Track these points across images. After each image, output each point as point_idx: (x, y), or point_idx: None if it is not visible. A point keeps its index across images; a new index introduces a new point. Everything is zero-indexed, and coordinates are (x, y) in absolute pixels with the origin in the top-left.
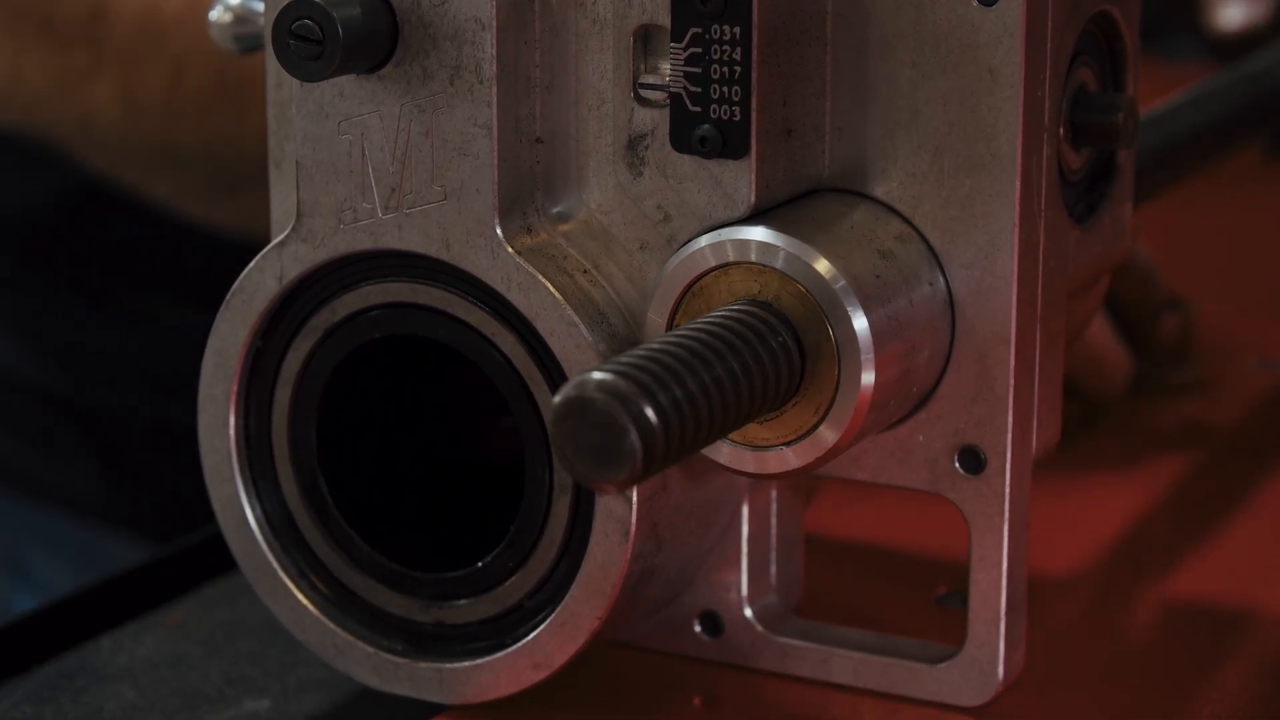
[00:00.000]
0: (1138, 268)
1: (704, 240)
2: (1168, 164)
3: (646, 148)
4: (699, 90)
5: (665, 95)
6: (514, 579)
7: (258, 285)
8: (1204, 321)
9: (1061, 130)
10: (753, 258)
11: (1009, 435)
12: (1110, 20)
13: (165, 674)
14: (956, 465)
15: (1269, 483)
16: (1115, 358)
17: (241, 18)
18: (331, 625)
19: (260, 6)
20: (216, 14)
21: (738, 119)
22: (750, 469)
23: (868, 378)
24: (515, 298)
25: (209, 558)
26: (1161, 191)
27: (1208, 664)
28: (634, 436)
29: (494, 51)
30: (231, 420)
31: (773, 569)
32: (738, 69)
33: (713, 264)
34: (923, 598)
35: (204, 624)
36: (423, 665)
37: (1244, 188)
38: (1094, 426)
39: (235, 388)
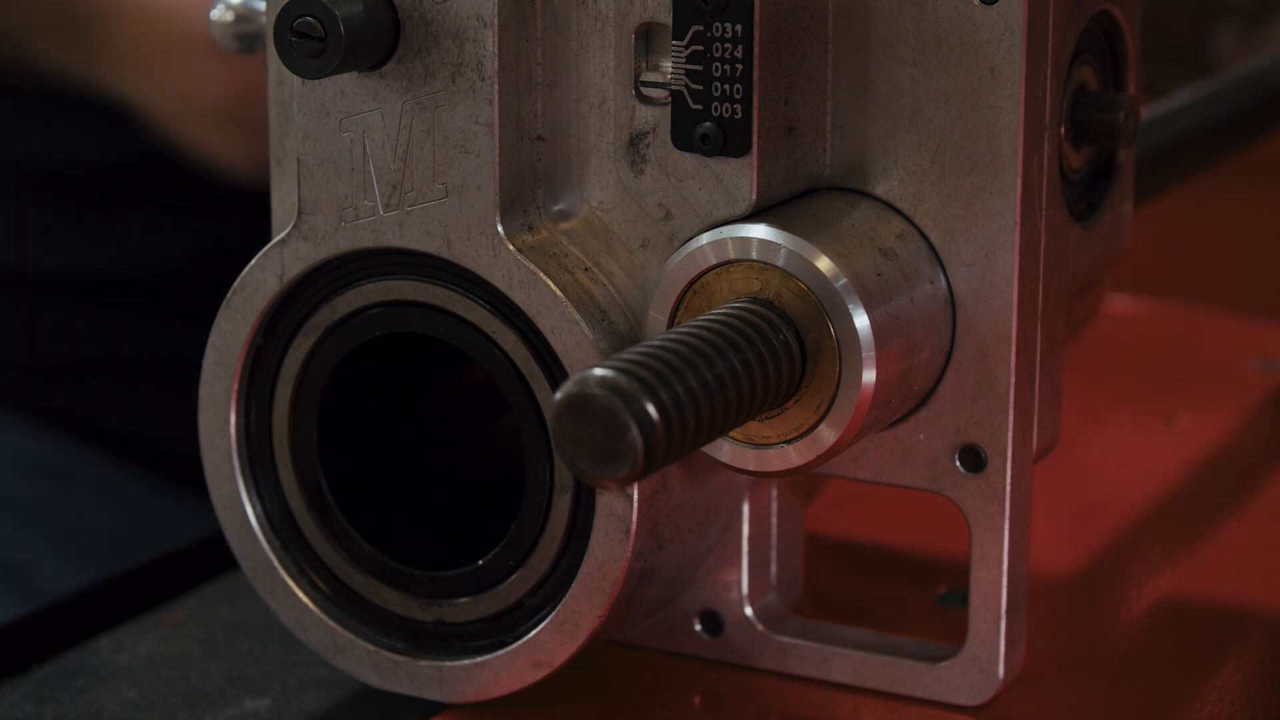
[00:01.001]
0: None
1: (705, 238)
2: (1170, 165)
3: (648, 145)
4: (700, 88)
5: (666, 93)
6: (514, 577)
7: (259, 283)
8: (1204, 322)
9: (1062, 129)
10: (754, 255)
11: (1009, 434)
12: (1111, 19)
13: (165, 673)
14: (957, 464)
15: (1269, 483)
16: None
17: (243, 17)
18: (332, 624)
19: (261, 5)
20: (218, 13)
21: (739, 117)
22: (751, 466)
23: (868, 376)
24: (516, 295)
25: (209, 556)
26: (1164, 192)
27: (1207, 663)
28: (635, 433)
29: (495, 49)
30: (232, 418)
31: (773, 568)
32: (739, 67)
33: (714, 262)
34: (923, 596)
35: (204, 623)
36: (423, 664)
37: (1244, 188)
38: None
39: (236, 386)
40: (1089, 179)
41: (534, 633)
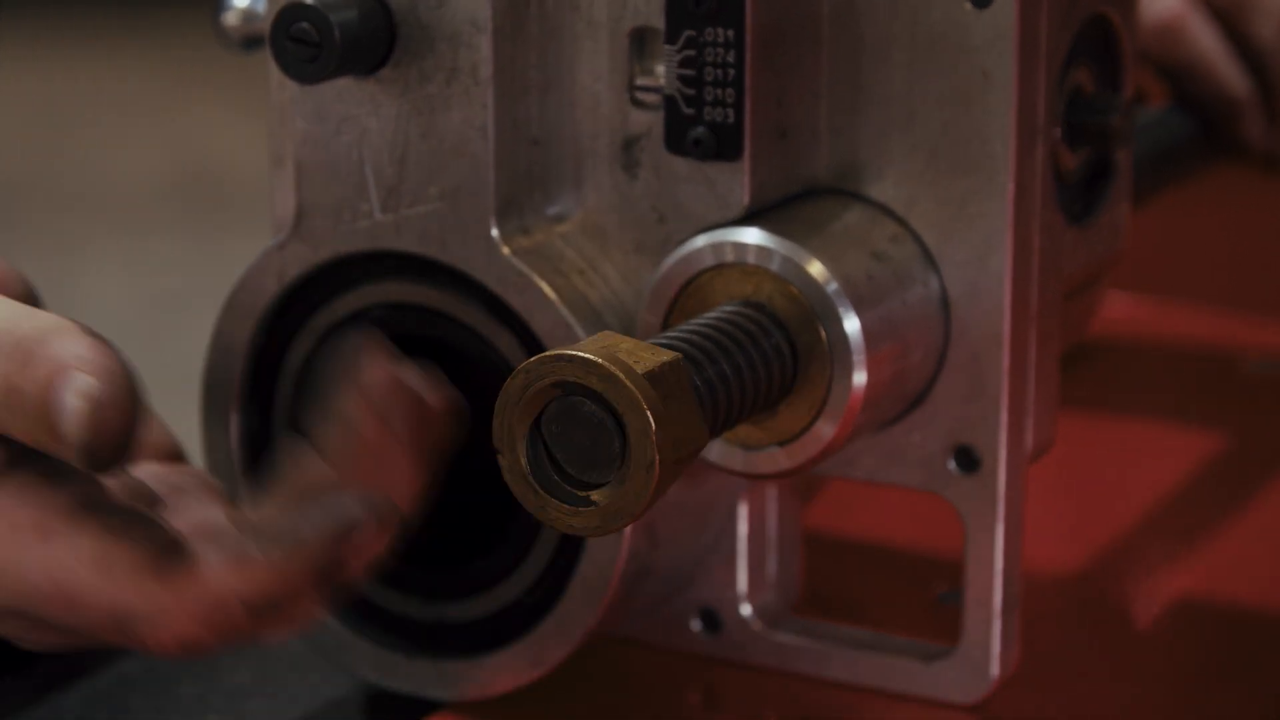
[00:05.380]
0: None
1: (700, 241)
2: (1170, 164)
3: (641, 149)
4: (693, 92)
5: (660, 97)
6: (512, 577)
7: (258, 285)
8: (1204, 321)
9: (1059, 131)
10: (746, 259)
11: (1003, 435)
12: (1108, 22)
13: (163, 676)
14: (951, 465)
15: (1269, 483)
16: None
17: (250, 18)
18: (332, 622)
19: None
20: (225, 16)
21: (731, 121)
22: (741, 468)
23: (859, 379)
24: (511, 297)
25: None
26: (1164, 191)
27: (1204, 662)
28: None
29: (490, 53)
30: (233, 419)
31: (771, 566)
32: (731, 71)
33: (707, 265)
34: (921, 595)
35: None
36: (421, 662)
37: (1244, 188)
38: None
39: (237, 386)
40: (1086, 180)
41: (531, 632)
